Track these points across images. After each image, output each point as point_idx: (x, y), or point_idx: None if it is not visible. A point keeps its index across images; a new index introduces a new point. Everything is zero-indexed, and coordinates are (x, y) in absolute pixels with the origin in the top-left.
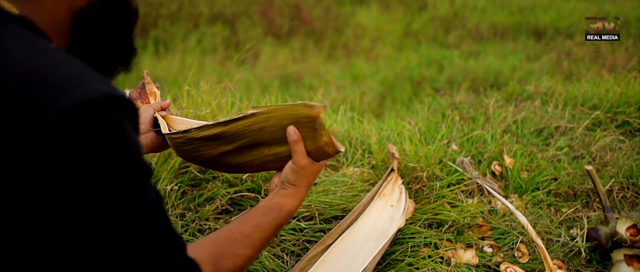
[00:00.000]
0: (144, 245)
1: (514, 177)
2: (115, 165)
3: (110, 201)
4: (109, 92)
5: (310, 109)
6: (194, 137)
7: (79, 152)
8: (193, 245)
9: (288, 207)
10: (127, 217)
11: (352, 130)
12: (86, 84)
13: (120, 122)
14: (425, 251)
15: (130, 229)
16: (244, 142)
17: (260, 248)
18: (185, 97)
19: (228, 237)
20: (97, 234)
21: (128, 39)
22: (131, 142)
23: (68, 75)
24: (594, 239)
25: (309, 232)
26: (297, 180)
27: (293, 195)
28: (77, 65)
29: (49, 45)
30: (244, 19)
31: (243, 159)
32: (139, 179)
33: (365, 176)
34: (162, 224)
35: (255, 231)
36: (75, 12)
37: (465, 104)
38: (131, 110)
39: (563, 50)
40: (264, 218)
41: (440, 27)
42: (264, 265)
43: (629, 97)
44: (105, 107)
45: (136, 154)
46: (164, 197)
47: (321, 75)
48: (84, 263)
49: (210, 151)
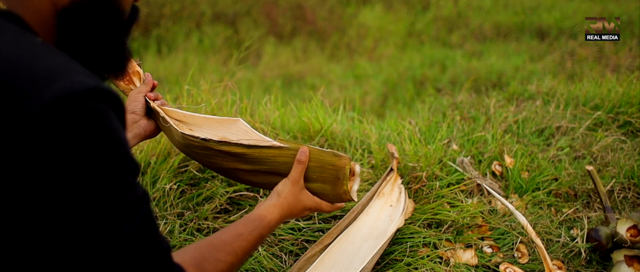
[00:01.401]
0: (127, 242)
1: (514, 177)
2: (98, 158)
3: (92, 195)
4: (94, 85)
5: (338, 159)
6: (211, 147)
7: (62, 145)
8: (176, 252)
9: (268, 218)
10: (109, 211)
11: (352, 130)
12: (70, 76)
13: (105, 116)
14: (424, 251)
15: (113, 225)
16: (262, 167)
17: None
18: (186, 96)
19: (210, 243)
20: (79, 229)
21: (117, 41)
22: (116, 136)
23: (53, 67)
24: (594, 240)
25: (308, 231)
26: (284, 192)
27: (275, 206)
28: (62, 59)
29: (34, 39)
30: (247, 19)
31: (256, 179)
32: (123, 174)
33: (364, 176)
34: (147, 222)
35: (237, 239)
36: (59, 10)
37: (466, 104)
38: (117, 103)
39: (566, 51)
40: (245, 228)
41: (443, 27)
42: (262, 264)
43: (631, 97)
44: (90, 100)
45: (121, 148)
46: (162, 196)
47: (323, 75)
48: (66, 257)
49: (225, 163)
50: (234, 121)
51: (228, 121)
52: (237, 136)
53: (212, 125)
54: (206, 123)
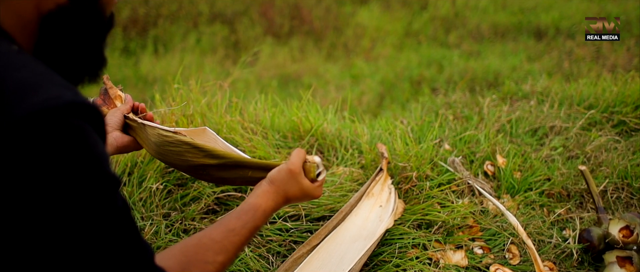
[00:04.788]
0: (110, 254)
1: (506, 177)
2: (74, 175)
3: (69, 214)
4: (71, 99)
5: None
6: (182, 140)
7: (37, 163)
8: (162, 254)
9: (263, 207)
10: (87, 229)
11: (343, 130)
12: (46, 89)
13: (82, 131)
14: (413, 252)
15: (92, 241)
16: (228, 161)
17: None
18: (176, 95)
19: (198, 243)
20: (57, 247)
21: (97, 46)
22: (93, 151)
23: (27, 80)
24: (586, 241)
25: (296, 232)
26: (279, 179)
27: (268, 193)
28: (38, 70)
29: (9, 47)
30: (244, 19)
31: (226, 174)
32: (100, 190)
33: (354, 176)
34: (127, 234)
35: (228, 236)
36: (43, 14)
37: (459, 103)
38: (96, 117)
39: (564, 51)
40: (237, 221)
41: (440, 27)
42: (248, 266)
43: (626, 97)
44: (66, 115)
45: (98, 163)
46: (148, 196)
47: (320, 75)
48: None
49: (195, 158)
50: (201, 131)
51: (196, 131)
52: (203, 140)
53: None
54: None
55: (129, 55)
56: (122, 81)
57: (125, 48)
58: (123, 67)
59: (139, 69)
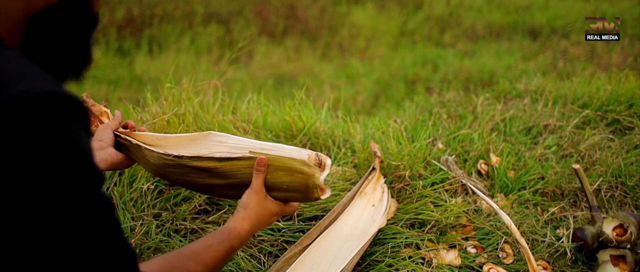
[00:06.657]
0: (90, 253)
1: (500, 176)
2: (56, 166)
3: (51, 206)
4: (52, 90)
5: (307, 168)
6: (185, 164)
7: (17, 153)
8: (143, 263)
9: (237, 230)
10: (70, 222)
11: (336, 129)
12: (28, 81)
13: (65, 122)
14: (406, 251)
15: (75, 236)
16: (234, 181)
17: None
18: (168, 95)
19: (179, 253)
20: (40, 239)
21: (84, 45)
22: (76, 142)
23: (9, 72)
24: (580, 239)
25: (287, 232)
26: (251, 203)
27: (242, 218)
28: (21, 63)
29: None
30: (239, 19)
31: (231, 193)
32: (84, 183)
33: (347, 175)
34: (111, 232)
35: (206, 250)
36: (31, 13)
37: (453, 102)
38: (79, 110)
39: (559, 50)
40: (214, 239)
41: (435, 26)
42: (240, 266)
43: (620, 95)
44: (48, 105)
45: (82, 155)
46: (139, 196)
47: (315, 74)
48: (31, 267)
49: (200, 179)
50: (206, 135)
51: (200, 136)
52: (209, 149)
53: (186, 144)
54: (179, 142)
55: (124, 55)
56: (117, 81)
57: (120, 48)
58: (117, 67)
59: (133, 69)
